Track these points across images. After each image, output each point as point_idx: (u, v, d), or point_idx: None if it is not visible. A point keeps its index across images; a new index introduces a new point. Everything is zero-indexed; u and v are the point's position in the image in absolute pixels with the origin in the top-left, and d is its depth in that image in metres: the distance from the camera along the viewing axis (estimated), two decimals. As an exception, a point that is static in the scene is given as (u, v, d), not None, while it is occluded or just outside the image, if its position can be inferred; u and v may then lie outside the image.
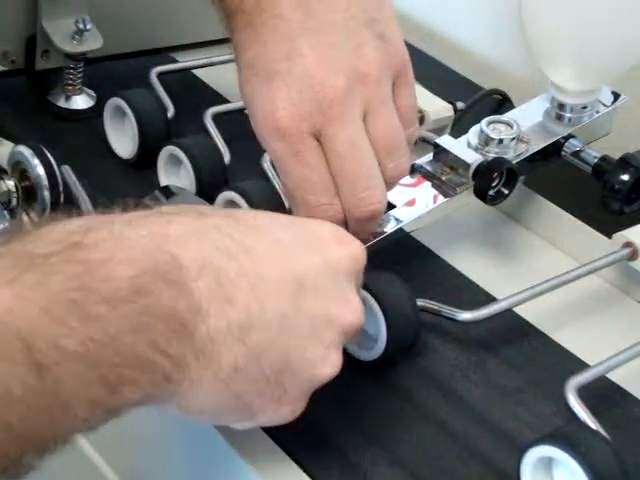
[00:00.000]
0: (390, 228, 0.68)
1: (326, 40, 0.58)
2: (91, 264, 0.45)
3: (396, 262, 0.70)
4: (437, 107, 0.83)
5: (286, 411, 0.53)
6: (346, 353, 0.63)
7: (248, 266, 0.50)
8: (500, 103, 0.86)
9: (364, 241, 0.66)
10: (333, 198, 0.59)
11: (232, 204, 0.70)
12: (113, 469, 0.70)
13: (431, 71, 0.93)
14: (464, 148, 0.73)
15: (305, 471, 0.57)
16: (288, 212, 0.68)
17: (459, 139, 0.74)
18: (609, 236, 0.72)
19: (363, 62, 0.58)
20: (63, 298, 0.44)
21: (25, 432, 0.43)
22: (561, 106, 0.77)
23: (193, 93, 0.87)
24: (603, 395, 0.63)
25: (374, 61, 0.59)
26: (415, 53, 0.97)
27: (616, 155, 0.74)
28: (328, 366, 0.53)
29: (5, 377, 0.41)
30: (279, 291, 0.51)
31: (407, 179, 0.72)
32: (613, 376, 0.64)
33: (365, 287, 0.61)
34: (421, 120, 0.81)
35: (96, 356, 0.44)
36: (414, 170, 0.73)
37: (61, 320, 0.43)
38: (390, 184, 0.61)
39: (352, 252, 0.55)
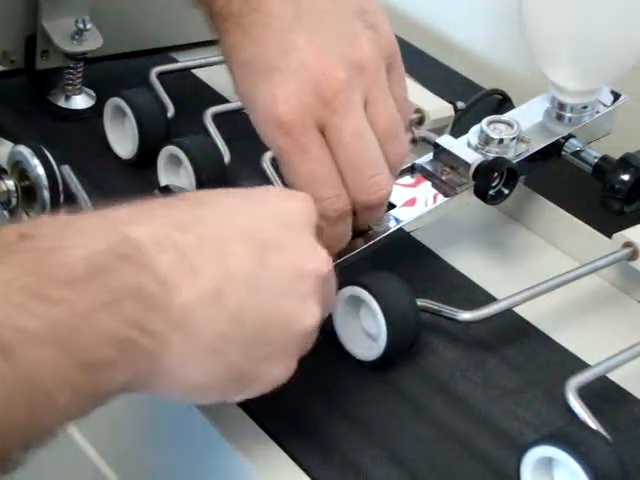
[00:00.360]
0: (390, 228, 0.68)
1: (320, 33, 0.59)
2: (41, 251, 0.44)
3: (396, 262, 0.69)
4: (437, 107, 0.83)
5: (280, 370, 0.53)
6: (346, 353, 0.63)
7: (205, 233, 0.50)
8: (500, 103, 0.86)
9: (365, 239, 0.66)
10: (340, 189, 0.59)
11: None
12: (112, 468, 0.70)
13: (431, 71, 0.94)
14: (464, 148, 0.73)
15: (305, 471, 0.57)
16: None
17: (459, 139, 0.74)
18: (609, 236, 0.72)
19: (359, 52, 0.59)
20: (17, 285, 0.43)
21: (4, 423, 0.42)
22: (561, 106, 0.77)
23: (193, 93, 0.87)
24: (603, 395, 0.63)
25: (370, 51, 0.59)
26: (415, 53, 0.97)
27: (616, 155, 0.74)
28: (308, 317, 0.53)
29: None
30: (242, 251, 0.51)
31: (407, 179, 0.72)
32: (613, 376, 0.64)
33: (365, 287, 0.62)
34: (421, 120, 0.81)
35: (66, 338, 0.43)
36: (414, 170, 0.73)
37: (20, 306, 0.42)
38: (393, 170, 0.61)
39: (299, 205, 0.55)
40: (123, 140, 0.79)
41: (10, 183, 0.72)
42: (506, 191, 0.71)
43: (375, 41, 0.60)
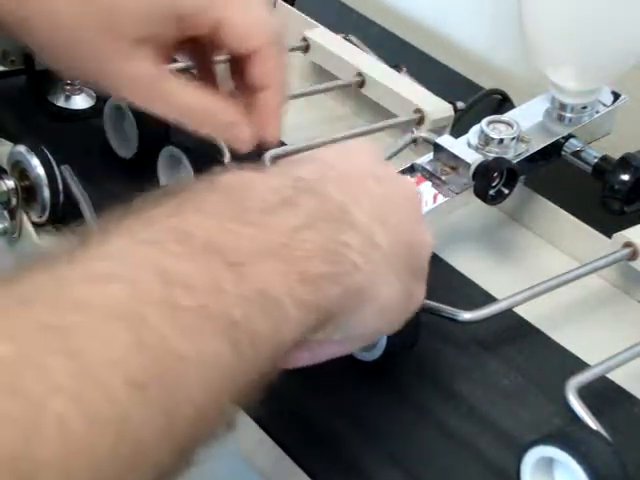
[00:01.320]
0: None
1: None
2: (231, 191, 0.48)
3: (396, 262, 0.69)
4: (437, 107, 0.83)
5: (423, 289, 0.56)
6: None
7: (348, 173, 0.53)
8: (500, 103, 0.86)
9: None
10: None
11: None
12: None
13: (431, 71, 0.94)
14: (464, 148, 0.73)
15: (305, 471, 0.57)
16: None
17: (459, 139, 0.74)
18: (609, 236, 0.72)
19: None
20: (226, 216, 0.46)
21: (251, 329, 0.43)
22: (561, 106, 0.77)
23: (193, 93, 0.87)
24: (603, 395, 0.63)
25: None
26: (415, 53, 0.97)
27: (616, 155, 0.74)
28: (428, 240, 0.56)
29: (212, 278, 0.42)
30: (372, 182, 0.54)
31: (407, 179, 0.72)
32: (613, 376, 0.64)
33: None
34: (421, 120, 0.81)
35: (282, 254, 0.46)
36: (414, 170, 0.73)
37: (236, 232, 0.45)
38: None
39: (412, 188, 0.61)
40: (123, 140, 0.79)
41: (10, 183, 0.72)
42: (506, 191, 0.71)
43: None
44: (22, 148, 0.71)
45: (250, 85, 0.62)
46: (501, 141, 0.73)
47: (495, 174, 0.71)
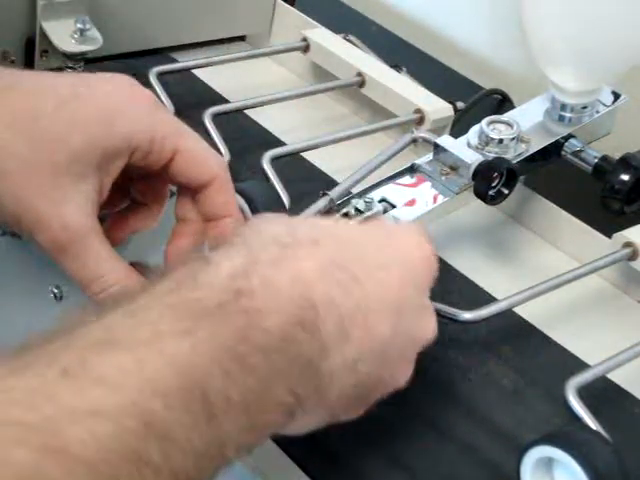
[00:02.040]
0: (390, 228, 0.68)
1: None
2: (251, 314, 0.45)
3: (396, 262, 0.69)
4: (437, 107, 0.83)
5: (363, 410, 0.54)
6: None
7: (361, 299, 0.50)
8: (500, 103, 0.86)
9: None
10: None
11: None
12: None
13: (431, 71, 0.94)
14: (464, 148, 0.73)
15: (305, 471, 0.57)
16: (289, 212, 0.68)
17: (459, 139, 0.74)
18: (609, 236, 0.72)
19: None
20: (230, 350, 0.44)
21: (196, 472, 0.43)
22: (561, 106, 0.77)
23: (193, 93, 0.87)
24: (603, 395, 0.63)
25: None
26: (415, 53, 0.97)
27: (616, 155, 0.74)
28: (403, 378, 0.54)
29: (188, 428, 0.42)
30: (385, 320, 0.51)
31: (407, 179, 0.72)
32: (613, 376, 0.64)
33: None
34: (421, 120, 0.81)
35: (251, 405, 0.44)
36: (414, 170, 0.72)
37: (228, 372, 0.44)
38: None
39: (426, 257, 0.55)
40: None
41: (10, 183, 0.71)
42: (506, 191, 0.71)
43: None
44: (22, 148, 0.71)
45: (207, 213, 0.60)
46: (501, 141, 0.73)
47: (495, 174, 0.71)
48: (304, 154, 0.80)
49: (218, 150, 0.76)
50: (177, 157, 0.58)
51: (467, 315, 0.64)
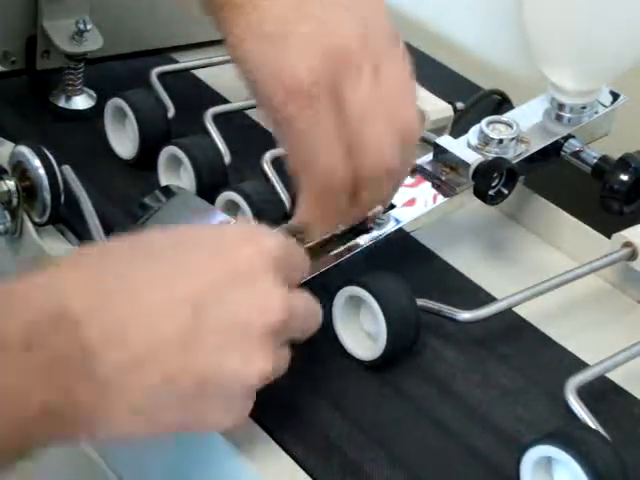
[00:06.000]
0: (390, 228, 0.68)
1: (333, 4, 0.59)
2: None
3: (396, 262, 0.70)
4: (437, 107, 0.83)
5: (225, 417, 0.53)
6: (346, 353, 0.63)
7: (142, 302, 0.50)
8: (500, 103, 0.86)
9: (365, 239, 0.66)
10: (344, 160, 0.59)
11: (232, 204, 0.70)
12: (110, 467, 0.70)
13: (431, 71, 0.94)
14: (464, 148, 0.73)
15: (305, 470, 0.57)
16: (288, 213, 0.68)
17: (459, 139, 0.74)
18: (609, 236, 0.72)
19: (371, 28, 0.59)
20: None
21: None
22: (561, 106, 0.77)
23: (193, 93, 0.87)
24: (603, 395, 0.63)
25: (382, 27, 0.61)
26: (415, 53, 0.97)
27: (616, 155, 0.74)
28: (252, 372, 0.52)
29: None
30: (178, 315, 0.50)
31: (407, 179, 0.72)
32: (613, 376, 0.64)
33: (365, 287, 0.62)
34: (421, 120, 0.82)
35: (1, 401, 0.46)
36: (414, 170, 0.73)
37: None
38: (403, 141, 0.61)
39: (257, 249, 0.53)
40: (123, 140, 0.79)
41: (11, 183, 0.72)
42: (506, 191, 0.72)
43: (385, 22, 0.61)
44: (23, 148, 0.71)
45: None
46: (501, 141, 0.73)
47: (495, 174, 0.71)
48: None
49: (218, 150, 0.76)
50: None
51: (466, 315, 0.64)
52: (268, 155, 0.73)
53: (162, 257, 0.52)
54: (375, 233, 0.67)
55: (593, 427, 0.57)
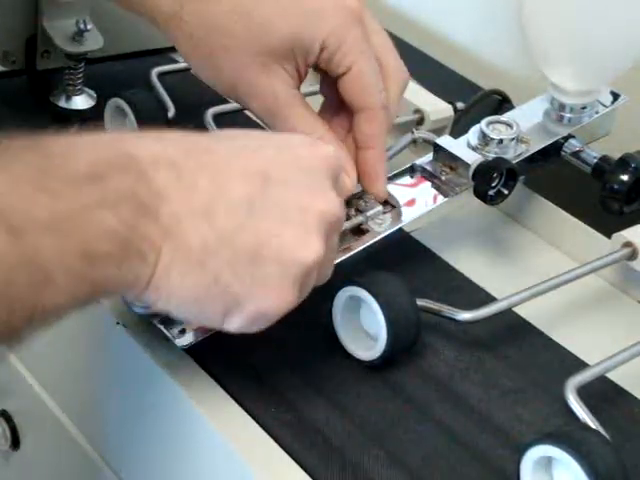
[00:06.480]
0: (390, 228, 0.68)
1: None
2: (47, 154, 0.49)
3: (396, 262, 0.70)
4: (437, 107, 0.83)
5: (272, 298, 0.54)
6: (346, 353, 0.63)
7: (208, 162, 0.53)
8: (500, 103, 0.86)
9: (365, 239, 0.66)
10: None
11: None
12: (109, 467, 0.70)
13: (431, 71, 0.94)
14: (464, 148, 0.73)
15: (305, 470, 0.57)
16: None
17: (459, 139, 0.74)
18: (609, 236, 0.72)
19: None
20: (26, 178, 0.47)
21: (9, 293, 0.45)
22: (561, 106, 0.77)
23: (193, 93, 0.87)
24: (603, 395, 0.63)
25: None
26: (415, 53, 0.97)
27: (616, 155, 0.74)
28: (309, 251, 0.54)
29: None
30: (243, 180, 0.53)
31: (407, 179, 0.72)
32: (613, 376, 0.64)
33: (365, 287, 0.62)
34: (421, 120, 0.82)
35: (68, 229, 0.47)
36: (414, 170, 0.73)
37: (29, 196, 0.47)
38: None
39: (323, 153, 0.58)
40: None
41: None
42: (506, 191, 0.72)
43: None
44: (23, 148, 0.71)
45: (354, 139, 0.67)
46: (501, 141, 0.73)
47: (495, 174, 0.71)
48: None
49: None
50: (349, 74, 0.66)
51: (466, 315, 0.64)
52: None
53: (237, 139, 0.57)
54: (375, 233, 0.67)
55: (593, 427, 0.57)
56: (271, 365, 0.62)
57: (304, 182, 0.56)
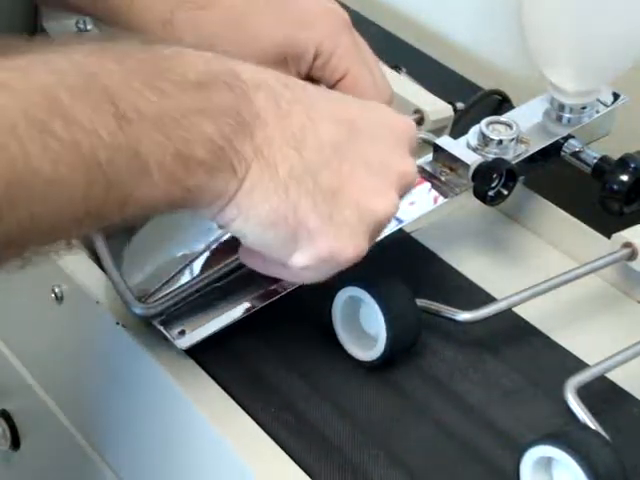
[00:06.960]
0: (390, 228, 0.68)
1: None
2: (162, 57, 0.51)
3: (396, 262, 0.70)
4: (437, 107, 0.83)
5: (343, 241, 0.55)
6: (346, 353, 0.64)
7: (303, 97, 0.55)
8: (500, 103, 0.86)
9: None
10: None
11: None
12: (109, 466, 0.70)
13: (431, 71, 0.94)
14: (464, 149, 0.73)
15: (305, 470, 0.57)
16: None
17: (458, 140, 0.74)
18: (609, 236, 0.72)
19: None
20: (139, 75, 0.49)
21: (108, 171, 0.47)
22: (560, 106, 0.77)
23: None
24: (603, 395, 0.63)
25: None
26: (415, 53, 0.97)
27: (616, 155, 0.74)
28: (387, 204, 0.56)
29: (93, 120, 0.46)
30: (333, 123, 0.55)
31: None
32: (613, 376, 0.64)
33: (365, 287, 0.62)
34: (420, 121, 0.82)
35: (169, 127, 0.49)
36: (414, 170, 0.73)
37: (139, 91, 0.48)
38: None
39: (408, 120, 0.61)
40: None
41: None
42: (505, 192, 0.72)
43: None
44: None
45: None
46: (500, 142, 0.73)
47: (494, 175, 0.71)
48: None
49: None
50: (345, 79, 0.66)
51: (466, 315, 0.64)
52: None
53: (328, 92, 0.60)
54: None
55: (593, 427, 0.57)
56: (271, 365, 0.62)
57: (388, 140, 0.57)
